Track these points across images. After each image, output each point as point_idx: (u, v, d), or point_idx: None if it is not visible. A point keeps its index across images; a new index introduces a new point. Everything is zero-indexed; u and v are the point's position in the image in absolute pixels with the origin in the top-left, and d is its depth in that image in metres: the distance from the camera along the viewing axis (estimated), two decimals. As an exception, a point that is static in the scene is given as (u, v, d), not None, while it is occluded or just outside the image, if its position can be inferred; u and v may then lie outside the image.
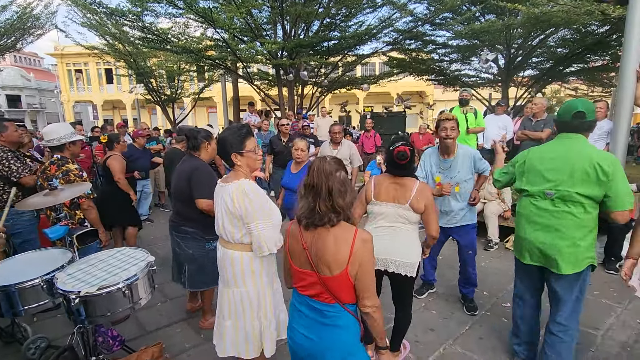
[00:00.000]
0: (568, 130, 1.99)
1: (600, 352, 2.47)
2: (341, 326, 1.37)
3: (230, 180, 1.79)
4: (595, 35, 8.96)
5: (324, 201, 1.30)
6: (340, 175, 1.33)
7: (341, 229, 1.33)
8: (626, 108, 3.87)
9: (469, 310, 2.99)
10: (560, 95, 19.91)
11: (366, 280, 1.32)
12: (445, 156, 2.85)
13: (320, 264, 1.33)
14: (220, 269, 1.93)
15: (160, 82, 13.80)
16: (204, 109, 29.47)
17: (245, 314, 1.84)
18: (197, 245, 2.57)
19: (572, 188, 1.90)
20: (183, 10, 8.25)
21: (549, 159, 2.01)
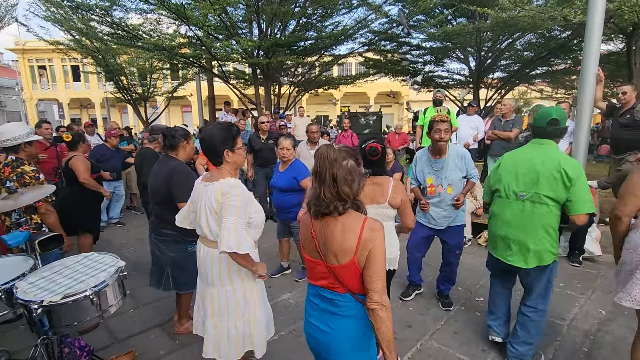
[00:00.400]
0: (543, 136, 2.14)
1: (566, 341, 2.60)
2: (353, 317, 1.34)
3: (215, 179, 1.76)
4: (558, 39, 9.44)
5: (328, 188, 1.27)
6: (348, 164, 1.28)
7: (350, 218, 1.30)
8: (586, 109, 4.09)
9: (444, 306, 3.06)
10: (527, 97, 20.82)
11: (373, 270, 1.26)
12: (437, 157, 2.85)
13: (328, 252, 1.31)
14: (202, 269, 1.88)
15: (131, 80, 13.31)
16: (178, 108, 28.70)
17: (230, 314, 1.81)
18: (179, 248, 2.50)
19: (540, 190, 2.06)
20: (155, 6, 7.99)
21: (521, 163, 2.16)
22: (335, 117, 19.71)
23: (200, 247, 1.90)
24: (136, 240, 4.96)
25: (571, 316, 2.91)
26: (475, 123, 6.16)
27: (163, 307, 3.14)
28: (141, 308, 3.18)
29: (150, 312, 3.09)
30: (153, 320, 2.95)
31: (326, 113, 29.62)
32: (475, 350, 2.51)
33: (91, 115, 28.66)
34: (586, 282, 3.48)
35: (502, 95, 11.87)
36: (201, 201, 1.79)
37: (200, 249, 1.88)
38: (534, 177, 2.08)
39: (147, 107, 14.38)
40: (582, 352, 2.47)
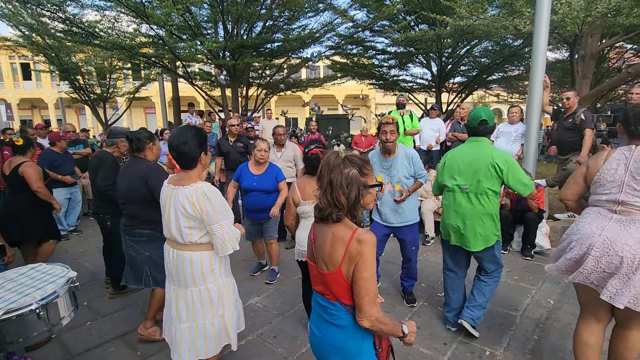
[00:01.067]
0: (476, 134, 2.48)
1: (519, 330, 2.77)
2: (341, 326, 1.30)
3: (186, 183, 1.78)
4: (511, 47, 10.08)
5: (324, 194, 1.27)
6: (349, 172, 1.25)
7: (340, 227, 1.27)
8: (535, 113, 4.40)
9: (408, 303, 3.17)
10: (485, 101, 21.97)
11: (359, 285, 1.21)
12: (386, 156, 3.04)
13: (319, 258, 1.31)
14: (173, 272, 1.88)
15: (88, 80, 12.61)
16: (141, 109, 27.54)
17: (205, 312, 1.85)
18: (153, 246, 2.52)
19: (480, 183, 2.40)
20: (112, 3, 7.63)
21: (462, 160, 2.49)
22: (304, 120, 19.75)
23: (168, 251, 1.90)
24: (95, 248, 4.70)
25: (523, 307, 3.11)
26: (437, 126, 6.43)
27: (123, 318, 3.01)
28: (99, 320, 3.02)
29: (108, 324, 2.94)
30: (112, 332, 2.82)
31: (295, 115, 29.62)
32: (437, 343, 2.61)
33: (44, 117, 26.81)
34: (537, 274, 3.73)
35: (462, 99, 12.45)
36: (169, 204, 1.81)
37: (169, 252, 1.89)
38: (473, 171, 2.41)
39: (107, 108, 13.68)
40: (533, 340, 2.64)
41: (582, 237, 1.88)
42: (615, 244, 1.76)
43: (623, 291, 1.72)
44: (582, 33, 6.14)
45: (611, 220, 1.82)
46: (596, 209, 1.91)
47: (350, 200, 1.25)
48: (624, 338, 1.90)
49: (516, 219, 4.35)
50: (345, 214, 1.26)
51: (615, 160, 1.85)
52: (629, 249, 1.72)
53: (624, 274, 1.73)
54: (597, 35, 6.66)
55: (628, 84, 10.61)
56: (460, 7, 6.82)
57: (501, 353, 2.49)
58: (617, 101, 13.87)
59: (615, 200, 1.82)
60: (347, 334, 1.30)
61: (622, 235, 1.75)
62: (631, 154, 1.81)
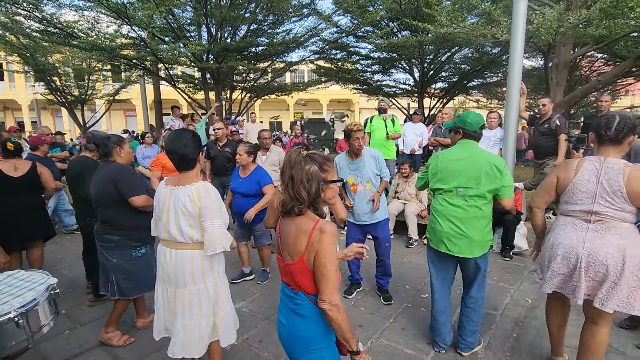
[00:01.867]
0: (473, 138, 2.39)
1: (499, 329, 2.86)
2: (305, 316, 1.36)
3: (186, 183, 1.86)
4: (490, 55, 10.43)
5: (286, 189, 1.33)
6: (310, 169, 1.31)
7: (303, 219, 1.33)
8: (512, 118, 4.57)
9: (385, 300, 3.28)
10: (466, 106, 22.56)
11: (320, 271, 1.29)
12: (353, 158, 3.19)
13: (285, 250, 1.37)
14: (171, 272, 1.90)
15: (66, 81, 12.22)
16: (121, 112, 26.90)
17: (202, 311, 1.89)
18: (122, 253, 2.50)
19: (478, 185, 2.27)
20: (92, 3, 7.46)
21: (457, 162, 2.36)
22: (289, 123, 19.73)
23: (164, 252, 1.92)
24: (72, 255, 4.55)
25: (503, 306, 3.21)
26: (420, 130, 6.57)
27: (102, 326, 2.93)
28: (78, 329, 2.93)
29: (88, 332, 2.86)
30: (92, 341, 2.74)
31: (279, 119, 29.55)
32: (421, 344, 2.66)
33: (17, 119, 25.81)
34: (516, 274, 3.85)
35: (443, 104, 12.76)
36: (169, 205, 1.85)
37: (165, 253, 1.91)
38: (472, 174, 2.28)
39: (85, 111, 13.29)
40: (512, 338, 2.73)
41: (567, 251, 1.97)
42: (599, 253, 1.85)
43: (612, 297, 1.83)
44: (555, 42, 6.43)
45: (588, 231, 1.91)
46: (570, 220, 2.00)
47: (311, 195, 1.32)
48: (594, 334, 2.01)
49: (495, 221, 4.46)
50: (306, 207, 1.34)
51: (587, 171, 1.93)
52: (611, 257, 1.82)
53: (611, 280, 1.83)
54: (570, 44, 6.97)
55: (599, 91, 11.14)
56: (441, 15, 7.03)
57: (482, 351, 2.56)
58: (589, 108, 14.52)
59: (589, 210, 1.91)
60: (311, 324, 1.36)
61: (603, 245, 1.85)
62: (601, 166, 1.89)
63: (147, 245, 2.61)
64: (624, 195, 1.80)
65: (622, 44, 7.88)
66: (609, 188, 1.84)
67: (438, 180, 2.44)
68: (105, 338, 2.65)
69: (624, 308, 1.83)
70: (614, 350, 2.55)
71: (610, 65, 11.32)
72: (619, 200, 1.82)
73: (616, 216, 1.85)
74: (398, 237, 5.07)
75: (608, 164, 1.86)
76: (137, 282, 2.54)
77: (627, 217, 1.85)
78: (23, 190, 3.26)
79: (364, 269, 3.73)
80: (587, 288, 1.92)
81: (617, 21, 5.43)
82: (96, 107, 15.35)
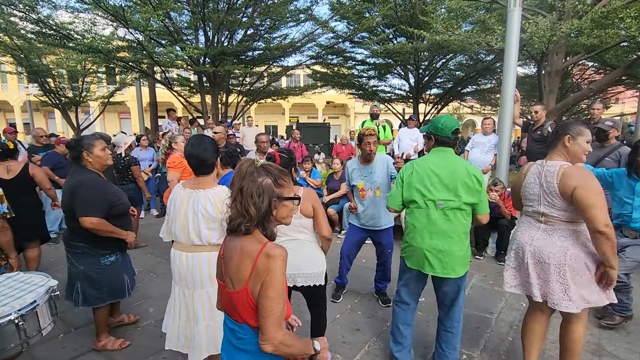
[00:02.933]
0: (446, 144, 2.16)
1: (494, 332, 2.89)
2: (251, 352, 1.18)
3: (206, 186, 1.88)
4: (484, 62, 10.58)
5: (234, 203, 1.17)
6: (263, 181, 1.16)
7: (250, 240, 1.16)
8: (507, 125, 4.65)
9: (384, 303, 3.31)
10: (460, 112, 22.81)
11: (263, 304, 1.10)
12: (365, 163, 3.18)
13: (227, 275, 1.19)
14: (187, 275, 1.91)
15: (60, 83, 12.12)
16: (115, 114, 26.72)
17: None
18: (91, 261, 2.43)
19: (458, 198, 2.06)
20: (90, 6, 7.45)
21: (434, 172, 2.11)
22: (284, 127, 19.76)
23: (179, 256, 1.92)
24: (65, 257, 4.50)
25: (498, 310, 3.24)
26: (415, 135, 6.64)
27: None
28: (73, 332, 2.90)
29: (83, 336, 2.83)
30: (87, 345, 2.71)
31: (275, 123, 29.61)
32: (418, 347, 2.68)
33: (9, 120, 25.50)
34: (510, 279, 3.89)
35: (438, 110, 12.90)
36: (187, 207, 1.86)
37: (181, 257, 1.91)
38: (449, 185, 2.06)
39: (79, 113, 13.18)
40: (507, 342, 2.76)
41: (518, 247, 2.09)
42: (542, 252, 1.95)
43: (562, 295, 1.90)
44: (548, 51, 6.56)
45: (539, 230, 2.01)
46: (528, 219, 2.11)
47: (261, 211, 1.15)
48: (570, 332, 2.09)
49: (490, 226, 4.53)
50: (254, 225, 1.16)
51: (532, 174, 2.03)
52: (553, 256, 1.91)
53: (555, 280, 1.91)
54: (562, 53, 7.12)
55: (590, 99, 11.36)
56: (437, 22, 7.14)
57: (478, 355, 2.59)
58: (581, 115, 14.77)
59: (538, 211, 2.01)
60: (259, 358, 1.18)
61: (547, 244, 1.94)
62: (543, 169, 1.97)
63: (118, 253, 2.52)
64: (559, 195, 1.87)
65: (612, 53, 8.07)
66: (547, 190, 1.92)
67: (413, 192, 2.16)
68: (99, 347, 2.61)
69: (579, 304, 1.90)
70: (608, 353, 2.60)
71: (601, 74, 11.55)
72: (558, 201, 1.89)
73: (561, 217, 1.92)
74: (395, 242, 5.09)
75: (547, 167, 1.96)
76: (104, 291, 2.46)
77: (572, 217, 1.90)
78: (17, 192, 3.24)
79: (360, 273, 3.75)
80: (540, 287, 2.00)
81: (608, 31, 5.56)
82: (90, 109, 15.23)
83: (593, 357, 2.55)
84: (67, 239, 2.47)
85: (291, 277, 2.11)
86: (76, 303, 2.44)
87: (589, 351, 2.60)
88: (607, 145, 3.64)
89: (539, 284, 2.01)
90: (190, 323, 1.92)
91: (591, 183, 1.77)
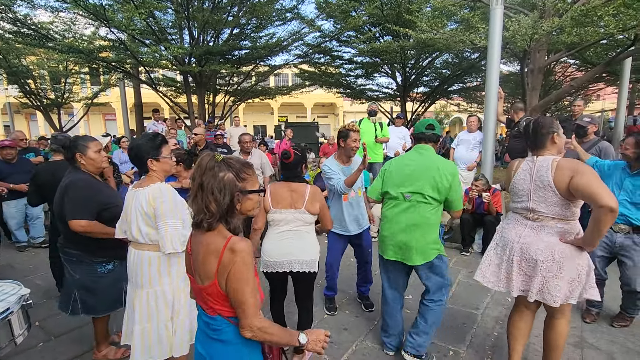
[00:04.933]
0: (423, 140, 2.36)
1: (480, 327, 2.92)
2: (226, 341, 1.20)
3: (145, 185, 1.89)
4: (469, 60, 10.70)
5: (195, 199, 1.15)
6: (224, 176, 1.14)
7: (213, 236, 1.16)
8: (491, 122, 4.70)
9: (367, 308, 3.21)
10: (447, 110, 23.07)
11: (237, 297, 1.13)
12: (347, 164, 3.01)
13: (195, 271, 1.21)
14: (132, 273, 1.95)
15: (41, 84, 11.81)
16: (100, 115, 26.21)
17: (160, 314, 1.88)
18: (87, 269, 2.31)
19: (424, 191, 2.23)
20: (69, 5, 7.26)
21: (407, 167, 2.32)
22: (273, 127, 19.68)
23: (131, 251, 1.97)
24: (46, 264, 4.37)
25: (484, 305, 3.28)
26: (403, 133, 6.68)
27: (79, 338, 2.82)
28: (53, 341, 2.82)
29: (63, 345, 2.75)
30: (67, 353, 2.64)
31: (264, 123, 29.46)
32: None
33: (-12, 123, 24.75)
34: (496, 274, 3.94)
35: (425, 108, 13.00)
36: (131, 206, 1.89)
37: (131, 254, 1.96)
38: (418, 180, 2.24)
39: (62, 114, 12.88)
40: (493, 337, 2.79)
41: (505, 244, 2.11)
42: (530, 249, 1.98)
43: (548, 290, 1.93)
44: (530, 49, 6.66)
45: (526, 227, 2.03)
46: (515, 216, 2.13)
47: (222, 207, 1.14)
48: (553, 326, 2.13)
49: (476, 222, 4.59)
50: (216, 221, 1.16)
51: (523, 171, 2.06)
52: (541, 253, 1.94)
53: (542, 275, 1.94)
54: (544, 51, 7.23)
55: (572, 95, 11.59)
56: (422, 21, 7.18)
57: (464, 351, 2.61)
58: (564, 111, 15.08)
59: (527, 208, 2.03)
60: (234, 347, 1.20)
61: (535, 241, 1.97)
62: (534, 164, 2.00)
63: (116, 261, 2.37)
64: (553, 189, 1.89)
65: (592, 50, 8.25)
66: (540, 184, 1.95)
67: (388, 185, 2.39)
68: (100, 357, 2.51)
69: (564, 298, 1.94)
70: (590, 345, 2.65)
71: (582, 71, 11.80)
72: (550, 195, 1.91)
73: (550, 213, 1.94)
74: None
75: (539, 162, 1.99)
76: (103, 300, 2.34)
77: (560, 213, 1.93)
78: None
79: (348, 272, 3.74)
80: (522, 283, 2.04)
81: (587, 29, 5.67)
82: (74, 111, 14.88)
83: (575, 349, 2.59)
84: (62, 245, 2.37)
85: (288, 263, 2.28)
86: (74, 311, 2.32)
87: (572, 344, 2.64)
88: (587, 140, 3.71)
89: (522, 280, 2.03)
90: (129, 322, 1.96)
91: (585, 168, 1.83)
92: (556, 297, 1.91)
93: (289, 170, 2.37)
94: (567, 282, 1.93)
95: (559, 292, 1.91)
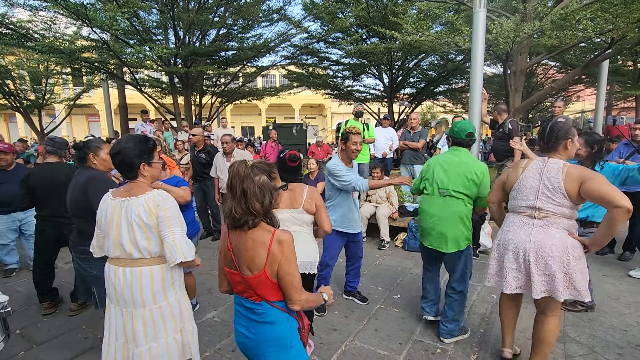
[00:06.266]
0: (460, 145, 2.63)
1: (467, 325, 2.96)
2: (272, 322, 1.41)
3: (138, 193, 1.70)
4: (454, 62, 10.88)
5: (239, 203, 1.30)
6: (260, 179, 1.32)
7: (259, 232, 1.34)
8: (476, 122, 4.79)
9: (362, 301, 3.33)
10: (433, 111, 23.38)
11: (286, 281, 1.36)
12: (350, 165, 3.06)
13: (241, 264, 1.36)
14: (125, 292, 1.71)
15: (20, 85, 11.47)
16: (83, 117, 25.62)
17: (167, 329, 1.77)
18: (101, 265, 2.28)
19: (457, 188, 2.54)
20: (49, 3, 7.08)
21: (444, 166, 2.62)
22: (260, 128, 19.58)
23: (114, 271, 1.73)
24: (28, 271, 4.26)
25: (471, 303, 3.33)
26: (390, 134, 6.73)
27: (62, 345, 2.76)
28: (35, 349, 2.74)
29: (46, 352, 2.68)
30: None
31: (252, 124, 29.31)
32: (394, 344, 2.71)
33: (-36, 125, 23.94)
34: (482, 272, 4.01)
35: (412, 109, 13.16)
36: (119, 218, 1.68)
37: (118, 272, 1.72)
38: (453, 178, 2.55)
39: (43, 116, 12.53)
40: (479, 334, 2.84)
41: (516, 246, 2.12)
42: (545, 245, 2.00)
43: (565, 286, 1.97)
44: (512, 51, 6.83)
45: (534, 226, 2.07)
46: (518, 217, 2.16)
47: (265, 205, 1.34)
48: (544, 323, 2.18)
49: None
50: (260, 219, 1.35)
51: (532, 169, 2.12)
52: (556, 248, 1.97)
53: (561, 271, 1.97)
54: (526, 53, 7.43)
55: (553, 97, 11.91)
56: (407, 23, 7.27)
57: (452, 348, 2.65)
58: (546, 112, 15.49)
59: (532, 206, 2.07)
60: (279, 326, 1.42)
61: (547, 237, 2.01)
62: (544, 165, 2.07)
63: None
64: (563, 192, 1.96)
65: (572, 53, 8.52)
66: (550, 185, 2.00)
67: (426, 182, 2.72)
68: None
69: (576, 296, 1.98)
70: (571, 339, 2.72)
71: (562, 73, 12.15)
72: (558, 196, 1.98)
73: (557, 212, 2.01)
74: (370, 240, 5.15)
75: (550, 164, 2.05)
76: None
77: (567, 213, 2.01)
78: None
79: (336, 272, 3.74)
80: (542, 284, 2.03)
81: (567, 32, 5.85)
82: (55, 112, 14.49)
83: (558, 343, 2.66)
84: (75, 243, 2.38)
85: None
86: (96, 305, 2.40)
87: (555, 338, 2.71)
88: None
89: (544, 281, 2.02)
90: (129, 345, 1.74)
91: (592, 173, 1.91)
92: (583, 292, 1.95)
93: (291, 174, 2.40)
94: (583, 275, 1.98)
95: (582, 285, 1.96)
